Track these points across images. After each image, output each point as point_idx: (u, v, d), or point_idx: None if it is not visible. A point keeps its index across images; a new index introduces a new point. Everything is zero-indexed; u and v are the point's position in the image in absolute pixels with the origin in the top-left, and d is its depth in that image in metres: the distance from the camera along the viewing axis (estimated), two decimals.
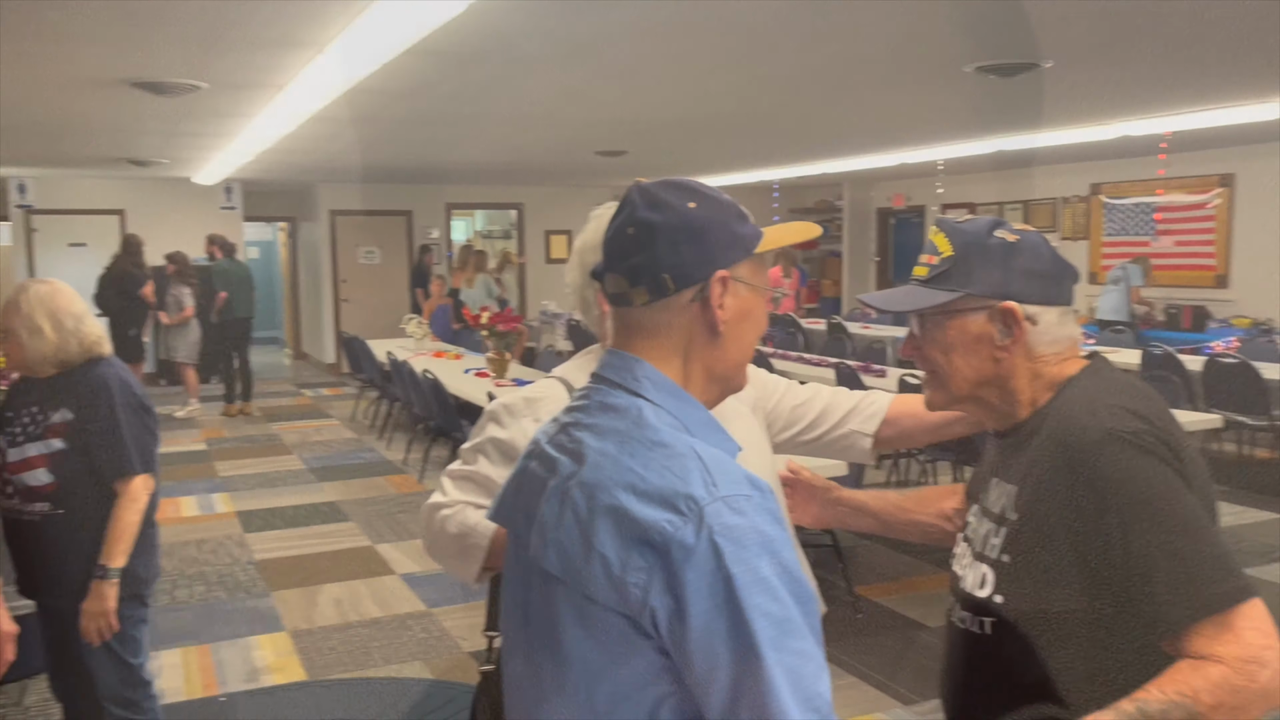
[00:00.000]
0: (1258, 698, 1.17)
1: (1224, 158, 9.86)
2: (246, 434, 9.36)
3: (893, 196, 14.05)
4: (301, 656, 4.30)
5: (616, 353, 1.23)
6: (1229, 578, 1.20)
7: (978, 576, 1.39)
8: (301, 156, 9.49)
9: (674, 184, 1.23)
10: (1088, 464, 1.26)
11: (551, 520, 1.14)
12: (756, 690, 1.01)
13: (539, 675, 1.16)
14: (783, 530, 1.09)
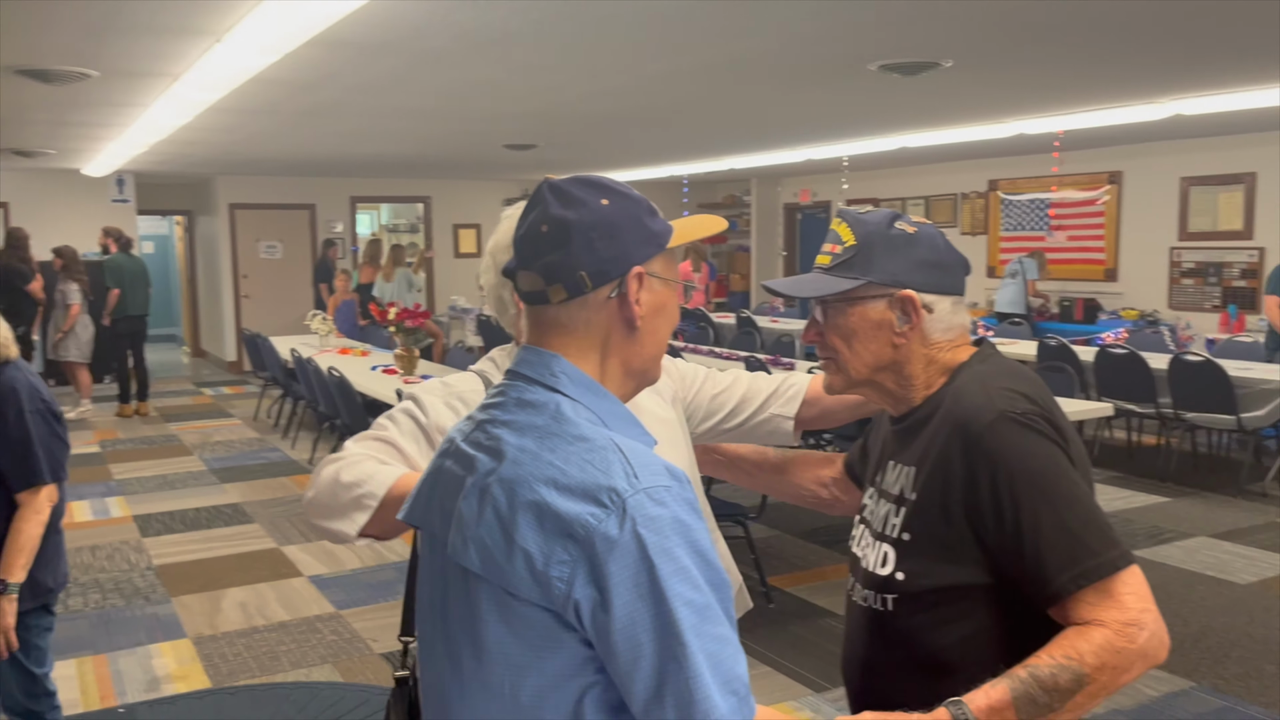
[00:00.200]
0: (1138, 657, 1.26)
1: (1113, 156, 10.25)
2: (143, 435, 9.05)
3: (799, 192, 14.26)
4: (205, 663, 4.18)
5: (532, 349, 1.23)
6: (1110, 547, 1.29)
7: (879, 555, 1.45)
8: (199, 148, 9.20)
9: (585, 181, 1.23)
10: (983, 444, 1.33)
11: (471, 518, 1.13)
12: (681, 676, 1.04)
13: (461, 673, 1.15)
14: (700, 519, 1.11)
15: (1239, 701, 3.65)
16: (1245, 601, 4.61)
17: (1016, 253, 10.94)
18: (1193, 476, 6.92)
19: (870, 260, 1.43)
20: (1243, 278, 9.24)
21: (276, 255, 13.40)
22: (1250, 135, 9.03)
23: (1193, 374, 6.53)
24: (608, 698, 1.09)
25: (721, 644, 1.06)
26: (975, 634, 1.36)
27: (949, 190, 12.11)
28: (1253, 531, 5.66)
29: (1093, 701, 1.25)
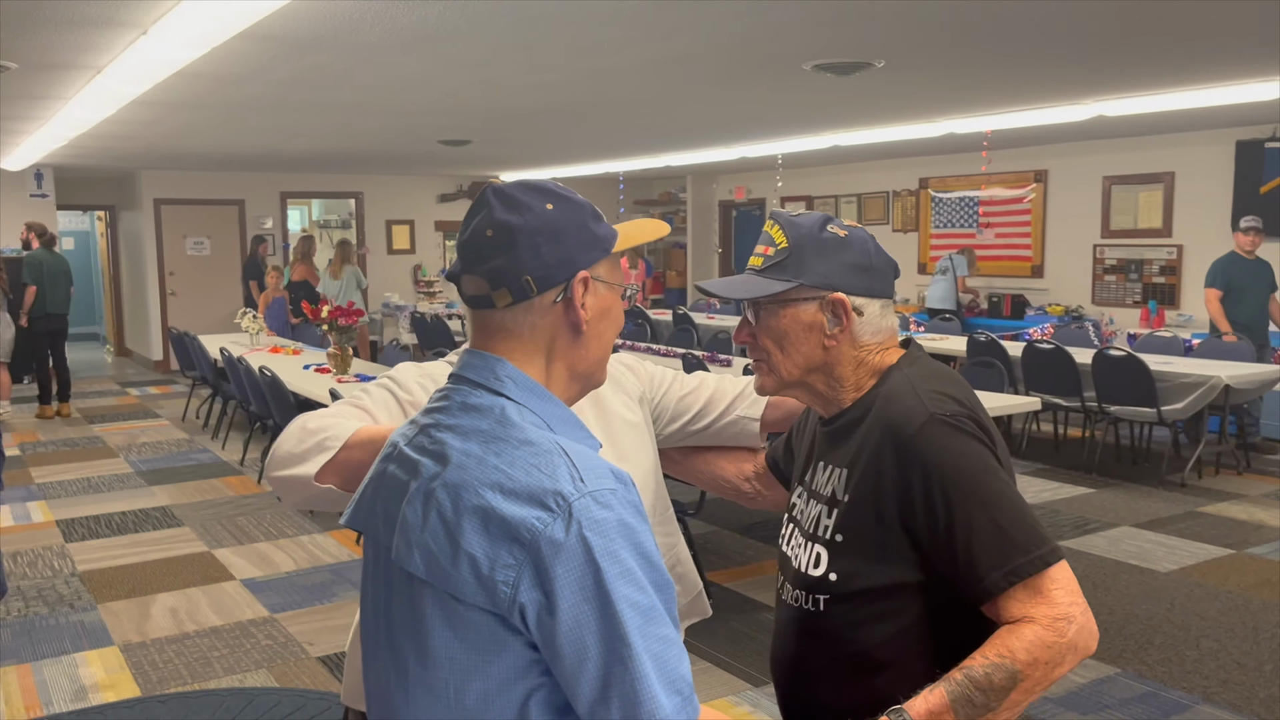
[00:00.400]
0: (1068, 651, 1.29)
1: (1039, 155, 10.49)
2: (65, 437, 8.79)
3: (734, 189, 14.36)
4: (134, 671, 4.08)
5: (477, 353, 1.24)
6: (1040, 544, 1.32)
7: (811, 556, 1.46)
8: (122, 142, 8.96)
9: (530, 185, 1.24)
10: (915, 446, 1.36)
11: (415, 522, 1.13)
12: (626, 678, 1.05)
13: (406, 678, 1.15)
14: (644, 522, 1.12)
15: (1162, 686, 3.77)
16: (1166, 589, 4.76)
17: (947, 250, 11.15)
18: (1116, 468, 7.12)
19: (802, 263, 1.45)
20: (1162, 274, 9.53)
21: (204, 252, 13.11)
22: (1170, 136, 9.31)
23: (1116, 368, 6.71)
24: (553, 700, 1.10)
25: (666, 645, 1.08)
26: (905, 631, 1.39)
27: (881, 188, 12.30)
28: (1173, 521, 5.84)
29: (1029, 697, 1.28)
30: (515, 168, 12.70)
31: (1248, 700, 3.64)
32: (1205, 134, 9.04)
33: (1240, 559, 5.18)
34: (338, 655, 4.20)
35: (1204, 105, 6.95)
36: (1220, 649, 4.09)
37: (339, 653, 4.22)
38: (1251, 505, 6.15)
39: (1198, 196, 9.20)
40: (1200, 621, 4.37)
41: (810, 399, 1.53)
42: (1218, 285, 7.57)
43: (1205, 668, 3.92)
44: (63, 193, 12.78)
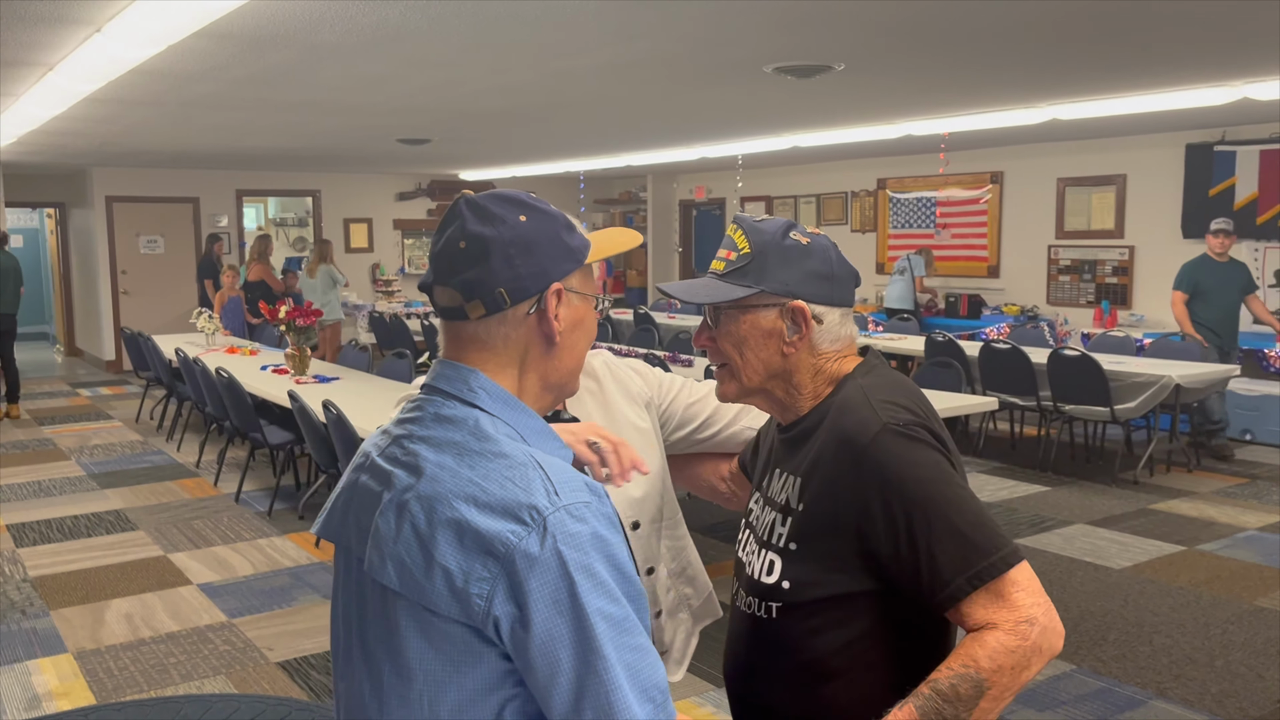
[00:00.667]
0: (1033, 653, 1.28)
1: (995, 157, 10.63)
2: (14, 439, 8.62)
3: (694, 189, 14.39)
4: (89, 679, 4.02)
5: (450, 363, 1.24)
6: (1000, 546, 1.31)
7: (765, 563, 1.47)
8: (73, 139, 8.79)
9: (503, 197, 1.24)
10: (869, 457, 1.36)
11: (389, 534, 1.13)
12: (600, 689, 1.05)
13: (380, 688, 1.15)
14: (617, 534, 1.13)
15: (1116, 683, 3.84)
16: (1120, 586, 4.85)
17: (905, 250, 11.26)
18: (1071, 466, 7.23)
19: (764, 269, 1.45)
20: (1114, 275, 9.69)
21: (158, 250, 12.91)
22: (1122, 139, 9.47)
23: (1070, 368, 6.82)
24: (527, 710, 1.11)
25: (640, 654, 1.09)
26: (857, 640, 1.39)
27: (840, 188, 12.39)
28: (1126, 518, 5.95)
29: (998, 704, 1.28)
30: (475, 166, 12.64)
31: (1199, 695, 3.72)
32: (1156, 137, 9.21)
33: (1190, 555, 5.29)
34: (297, 660, 4.16)
35: (1155, 109, 7.07)
36: (1172, 645, 4.17)
37: (298, 657, 4.18)
38: (1202, 502, 6.28)
39: (1149, 198, 9.37)
40: (1153, 618, 4.46)
41: (769, 406, 1.54)
42: (1184, 288, 7.49)
43: (1158, 663, 4.00)
44: (11, 190, 12.50)
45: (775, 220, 1.50)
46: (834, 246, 1.52)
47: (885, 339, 8.85)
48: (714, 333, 1.51)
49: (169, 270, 12.93)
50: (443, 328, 1.26)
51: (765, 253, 1.46)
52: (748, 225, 1.50)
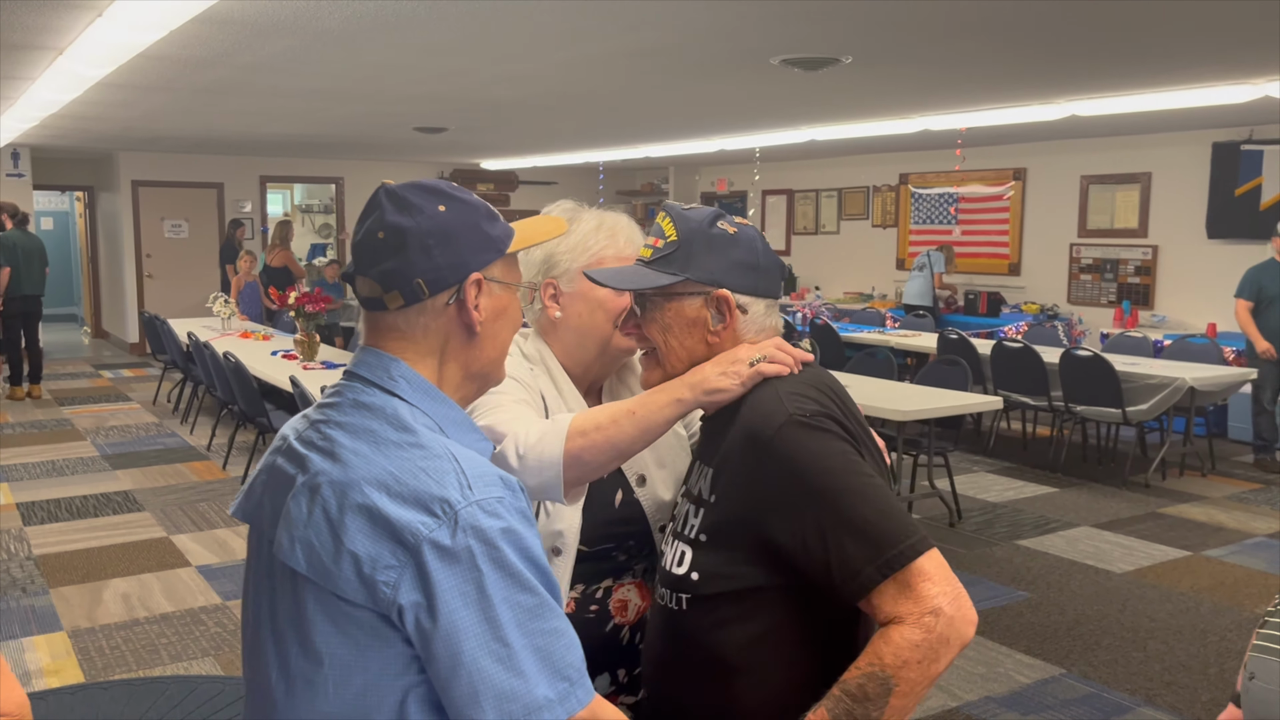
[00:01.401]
0: (939, 645, 1.24)
1: (1018, 153, 10.50)
2: (34, 419, 8.74)
3: (716, 181, 14.34)
4: (80, 657, 4.07)
5: (371, 350, 1.24)
6: (908, 534, 1.28)
7: (676, 554, 1.45)
8: (97, 123, 8.89)
9: (423, 186, 1.24)
10: (773, 449, 1.34)
11: (299, 518, 1.13)
12: (502, 677, 1.07)
13: (287, 671, 1.16)
14: (531, 528, 1.14)
15: (1105, 688, 3.78)
16: (1120, 590, 4.78)
17: (926, 246, 11.15)
18: (1081, 468, 7.14)
19: (690, 257, 1.45)
20: (1137, 274, 9.55)
21: (182, 235, 13.04)
22: (1147, 136, 9.32)
23: (1082, 368, 6.73)
24: (432, 697, 1.11)
25: (553, 637, 1.10)
26: (764, 636, 1.37)
27: (861, 183, 12.29)
28: (1133, 522, 5.86)
29: (911, 700, 1.25)
30: (495, 156, 12.65)
31: (1189, 703, 3.66)
32: (1182, 135, 9.06)
33: (1195, 561, 5.20)
34: None
35: (1180, 106, 6.95)
36: (1167, 651, 4.10)
37: None
38: (1212, 507, 6.18)
39: (1174, 197, 9.22)
40: (1150, 623, 4.39)
41: None
42: (1247, 295, 6.95)
43: (1150, 669, 3.94)
44: (40, 173, 12.69)
45: (704, 209, 1.50)
46: (761, 237, 1.51)
47: (899, 336, 8.77)
48: (640, 319, 1.50)
49: (193, 255, 13.06)
50: (364, 317, 1.26)
51: (692, 241, 1.46)
52: (676, 213, 1.49)
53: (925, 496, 5.94)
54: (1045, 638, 4.23)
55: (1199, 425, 7.53)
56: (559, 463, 1.44)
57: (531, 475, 1.46)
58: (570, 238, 1.70)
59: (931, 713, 3.58)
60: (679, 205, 1.51)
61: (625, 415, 1.44)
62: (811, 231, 13.01)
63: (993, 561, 5.15)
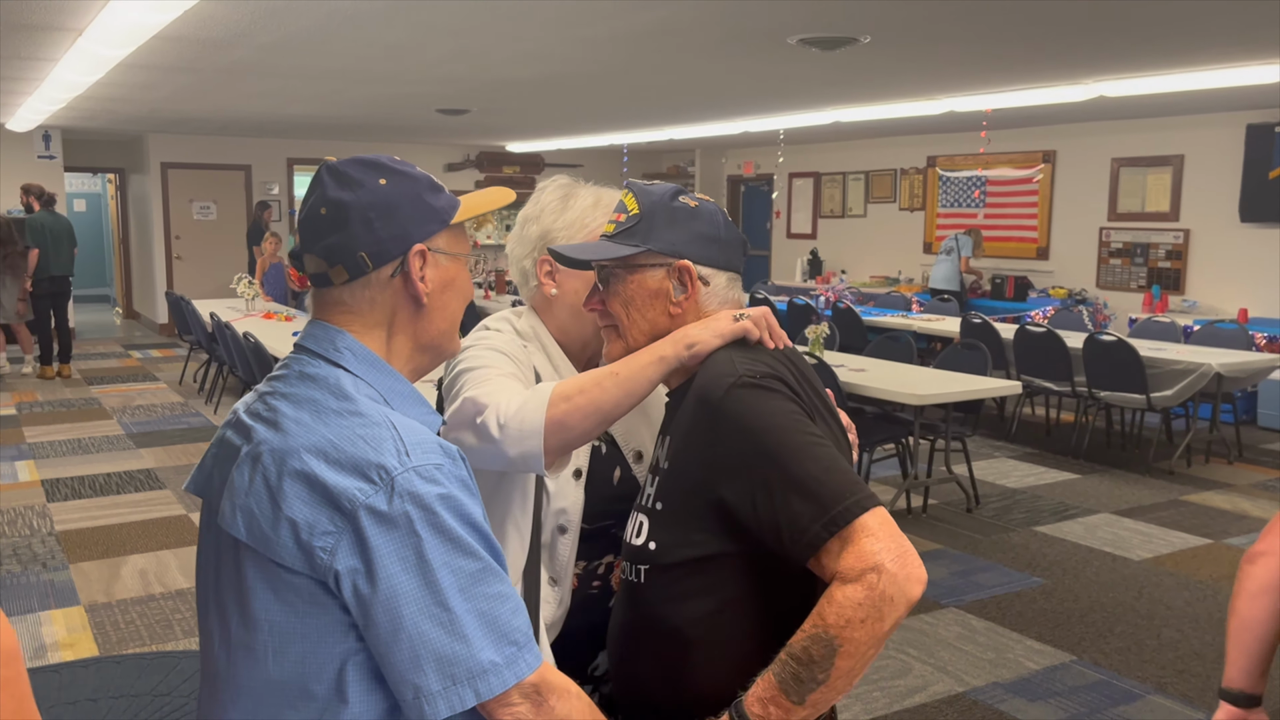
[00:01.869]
0: (883, 603, 1.20)
1: (1047, 135, 10.34)
2: (63, 397, 8.87)
3: (743, 164, 14.25)
4: (95, 631, 4.13)
5: (319, 323, 1.26)
6: (854, 491, 1.25)
7: (635, 525, 1.44)
8: (124, 105, 8.97)
9: (365, 161, 1.25)
10: (722, 410, 1.34)
11: (241, 486, 1.15)
12: (444, 641, 1.08)
13: (229, 639, 1.17)
14: (472, 495, 1.15)
15: (1115, 675, 3.73)
16: (1137, 578, 4.72)
17: (953, 229, 11.03)
18: (1105, 454, 7.05)
19: (651, 229, 1.46)
20: (1167, 259, 9.40)
21: (210, 216, 13.15)
22: (1179, 118, 9.16)
23: (1106, 354, 6.63)
24: (371, 666, 1.12)
25: (497, 601, 1.11)
26: (721, 608, 1.36)
27: (888, 165, 12.17)
28: (1155, 509, 5.78)
29: (859, 661, 1.22)
30: (520, 138, 12.64)
31: (1201, 692, 3.60)
32: (1215, 116, 8.89)
33: (1216, 549, 5.12)
34: None
35: (1212, 87, 6.81)
36: (1181, 639, 4.05)
37: None
38: (1237, 495, 6.08)
39: (1206, 180, 9.06)
40: (1165, 611, 4.33)
41: None
42: None
43: (1163, 658, 3.88)
44: (71, 155, 12.85)
45: (665, 185, 1.52)
46: (722, 212, 1.52)
47: (922, 320, 8.69)
48: (604, 294, 1.51)
49: (221, 236, 13.17)
50: (313, 293, 1.28)
51: (653, 213, 1.47)
52: (638, 189, 1.50)
53: (942, 482, 5.88)
54: (1057, 624, 4.18)
55: (1227, 412, 7.41)
56: (540, 430, 1.43)
57: (513, 444, 1.45)
58: (567, 213, 1.70)
59: (937, 698, 3.55)
60: (642, 182, 1.52)
61: (608, 376, 1.44)
62: (838, 215, 12.90)
63: (1008, 548, 5.10)
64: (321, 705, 1.12)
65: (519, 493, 1.60)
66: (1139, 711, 3.47)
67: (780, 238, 13.78)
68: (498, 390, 1.51)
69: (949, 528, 5.41)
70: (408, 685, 1.08)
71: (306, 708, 1.12)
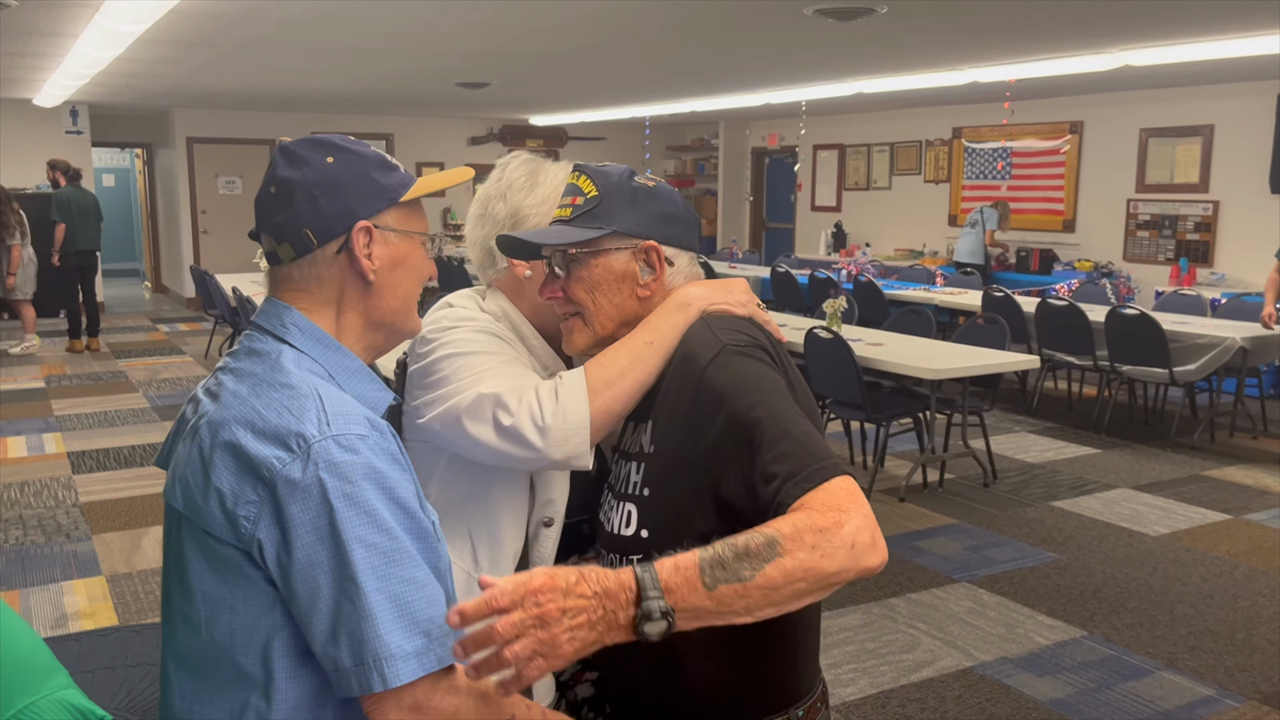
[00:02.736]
0: (841, 546, 1.13)
1: (1075, 105, 10.18)
2: (90, 371, 9.00)
3: (767, 136, 14.14)
4: (116, 601, 4.20)
5: (271, 300, 1.28)
6: (829, 457, 1.23)
7: (622, 515, 1.40)
8: (148, 80, 9.03)
9: (314, 141, 1.26)
10: (707, 377, 1.32)
11: (182, 458, 1.18)
12: (355, 618, 1.07)
13: (171, 609, 1.20)
14: (400, 469, 1.15)
15: (1126, 651, 3.72)
16: (1153, 553, 4.68)
17: (978, 202, 10.91)
18: (1126, 429, 6.98)
19: (613, 211, 1.43)
20: (1196, 231, 9.25)
21: (236, 191, 13.23)
22: (1209, 87, 8.98)
23: (1129, 327, 6.55)
24: (296, 643, 1.13)
25: (411, 586, 1.10)
26: None
27: (913, 137, 12.03)
28: (1175, 484, 5.73)
29: (787, 584, 1.11)
30: (543, 111, 12.61)
31: (1211, 668, 3.58)
32: (1246, 85, 8.71)
33: (1235, 525, 5.07)
34: None
35: (1242, 55, 6.67)
36: (1194, 615, 4.02)
37: None
38: (1260, 470, 6.01)
39: (1237, 150, 8.89)
40: (1180, 587, 4.30)
41: None
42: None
43: (1175, 634, 3.86)
44: (99, 130, 12.95)
45: (618, 166, 1.49)
46: (676, 191, 1.50)
47: (943, 294, 8.62)
48: (564, 281, 1.46)
49: (246, 211, 13.24)
50: (268, 272, 1.30)
51: (613, 195, 1.44)
52: (591, 171, 1.47)
53: (959, 456, 5.86)
54: (1069, 600, 4.16)
55: (1252, 386, 7.31)
56: (587, 425, 1.37)
57: (558, 446, 1.38)
58: (538, 190, 1.64)
59: (945, 672, 3.55)
60: (593, 165, 1.49)
61: (644, 348, 1.40)
62: (863, 187, 12.79)
63: (1024, 522, 5.08)
64: (249, 680, 1.13)
65: (516, 481, 1.54)
66: (1148, 687, 3.45)
67: (805, 210, 13.69)
68: (519, 387, 1.43)
69: (965, 502, 5.39)
70: (328, 658, 1.09)
71: (238, 682, 1.14)
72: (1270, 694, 3.41)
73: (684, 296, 1.43)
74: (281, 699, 1.13)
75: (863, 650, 3.72)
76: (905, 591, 4.25)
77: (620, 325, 1.45)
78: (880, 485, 5.64)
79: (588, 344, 1.47)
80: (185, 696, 1.17)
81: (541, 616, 1.04)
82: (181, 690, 1.18)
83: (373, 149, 1.27)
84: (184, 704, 1.17)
